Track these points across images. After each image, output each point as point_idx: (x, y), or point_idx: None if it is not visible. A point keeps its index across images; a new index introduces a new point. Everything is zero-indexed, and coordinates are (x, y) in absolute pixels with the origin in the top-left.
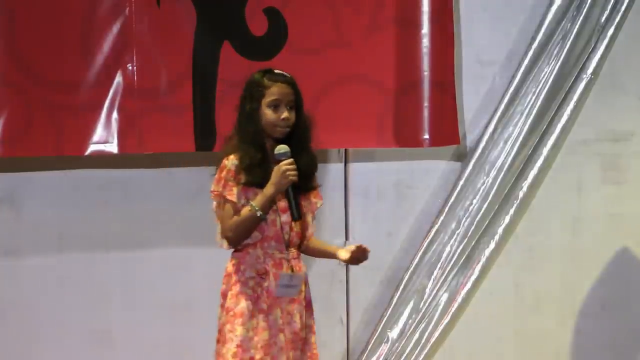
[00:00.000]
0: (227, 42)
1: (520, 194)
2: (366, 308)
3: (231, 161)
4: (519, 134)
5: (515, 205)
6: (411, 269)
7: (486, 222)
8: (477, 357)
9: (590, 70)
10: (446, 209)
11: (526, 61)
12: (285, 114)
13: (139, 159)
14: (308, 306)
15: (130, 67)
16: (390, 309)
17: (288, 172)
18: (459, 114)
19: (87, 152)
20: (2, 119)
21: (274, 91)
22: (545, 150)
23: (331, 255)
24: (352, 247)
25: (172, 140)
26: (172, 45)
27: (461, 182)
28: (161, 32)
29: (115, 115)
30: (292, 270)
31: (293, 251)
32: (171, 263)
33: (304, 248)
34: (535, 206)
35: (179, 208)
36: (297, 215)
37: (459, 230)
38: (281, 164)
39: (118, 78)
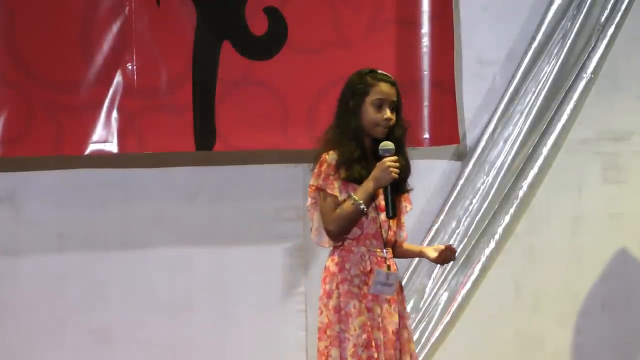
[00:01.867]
0: (227, 42)
1: (520, 194)
2: None
3: (331, 156)
4: (519, 133)
5: (515, 204)
6: (411, 268)
7: (486, 222)
8: (477, 356)
9: (590, 69)
10: (446, 209)
11: (526, 61)
12: (388, 114)
13: (139, 158)
14: (404, 306)
15: (130, 67)
16: None
17: (391, 169)
18: (459, 114)
19: (87, 152)
20: (2, 119)
21: (379, 90)
22: (545, 150)
23: (418, 254)
24: (441, 247)
25: (172, 140)
26: (172, 45)
27: (461, 182)
28: (161, 32)
29: (115, 114)
30: (389, 269)
31: (390, 250)
32: (170, 262)
33: (396, 250)
34: (535, 206)
35: (178, 207)
36: (393, 213)
37: (459, 230)
38: (385, 159)
39: (118, 77)
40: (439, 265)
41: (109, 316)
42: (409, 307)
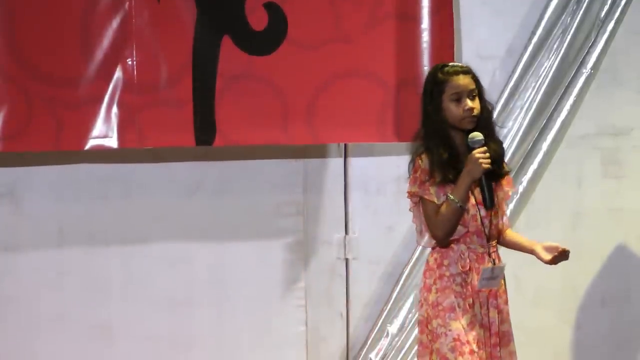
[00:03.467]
0: (227, 37)
1: (520, 189)
2: (366, 303)
3: (424, 161)
4: (519, 128)
5: (515, 200)
6: (411, 263)
7: None
8: None
9: (590, 64)
10: None
11: (526, 56)
12: (468, 104)
13: (139, 153)
14: (504, 299)
15: (130, 62)
16: (390, 303)
17: (481, 160)
18: None
19: (87, 147)
20: (2, 114)
21: (453, 84)
22: (545, 145)
23: (529, 251)
24: (554, 246)
25: (172, 135)
26: (172, 40)
27: None
28: (161, 27)
29: (115, 109)
30: (494, 263)
31: (493, 244)
32: (171, 257)
33: (501, 240)
34: (535, 200)
35: (178, 203)
36: (491, 203)
37: None
38: (474, 152)
39: (118, 73)
40: None
41: (109, 311)
42: (408, 302)
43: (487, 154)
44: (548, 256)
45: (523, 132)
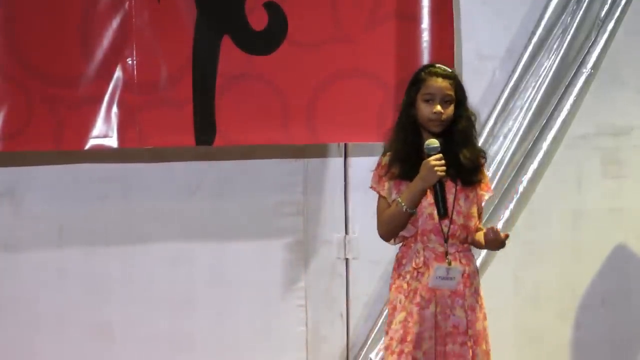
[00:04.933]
0: (227, 36)
1: (520, 189)
2: (366, 302)
3: (386, 157)
4: (519, 128)
5: (515, 199)
6: None
7: (486, 217)
8: None
9: (590, 64)
10: None
11: (526, 55)
12: (437, 108)
13: (139, 153)
14: (480, 300)
15: (130, 61)
16: None
17: (436, 168)
18: None
19: (87, 147)
20: (2, 114)
21: (429, 85)
22: (545, 145)
23: (478, 245)
24: (493, 230)
25: (172, 135)
26: (172, 40)
27: None
28: (161, 26)
29: (115, 109)
30: (450, 263)
31: (458, 244)
32: (171, 257)
33: (471, 241)
34: (535, 200)
35: (179, 202)
36: (443, 212)
37: None
38: (429, 159)
39: (118, 72)
40: None
41: (110, 311)
42: None
43: (443, 162)
44: (483, 242)
45: (523, 132)
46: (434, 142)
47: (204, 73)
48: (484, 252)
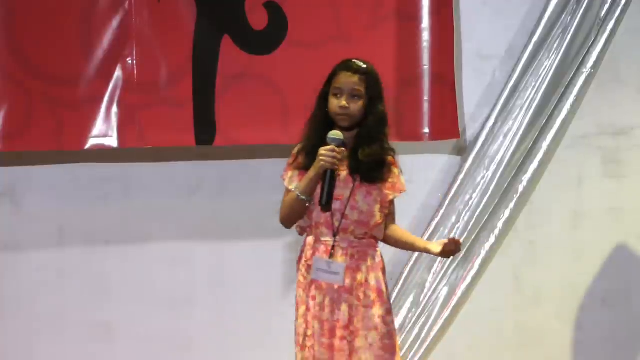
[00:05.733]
0: (227, 36)
1: (520, 188)
2: None
3: (296, 148)
4: (519, 128)
5: (515, 199)
6: (411, 263)
7: (486, 216)
8: (476, 351)
9: (590, 64)
10: (446, 203)
11: (526, 55)
12: (342, 103)
13: (139, 152)
14: (377, 296)
15: (130, 61)
16: (390, 302)
17: (322, 157)
18: (459, 108)
19: (87, 146)
20: (2, 113)
21: (338, 79)
22: (545, 144)
23: (418, 249)
24: (445, 241)
25: (172, 134)
26: (172, 39)
27: (461, 176)
28: (161, 26)
29: (115, 109)
30: (331, 257)
31: (352, 239)
32: (171, 257)
33: (385, 238)
34: (535, 200)
35: (178, 202)
36: (325, 203)
37: (458, 224)
38: (321, 148)
39: (118, 72)
40: (438, 260)
41: (109, 310)
42: (408, 302)
43: (333, 153)
44: (438, 249)
45: (523, 131)
46: (336, 134)
47: (204, 73)
48: (483, 252)
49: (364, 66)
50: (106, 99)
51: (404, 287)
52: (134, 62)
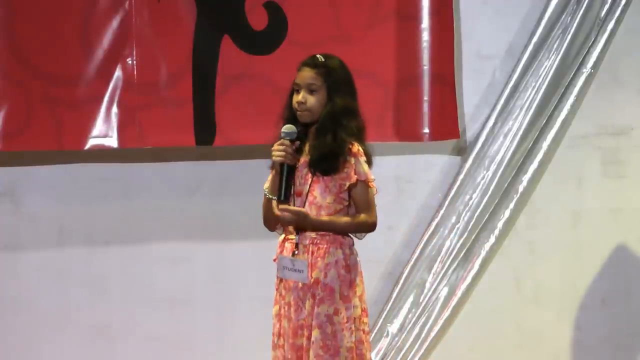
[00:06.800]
0: (227, 36)
1: (520, 188)
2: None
3: None
4: (519, 128)
5: (515, 199)
6: (411, 263)
7: (486, 216)
8: (477, 351)
9: (590, 64)
10: (446, 203)
11: (526, 55)
12: (298, 98)
13: (139, 153)
14: (328, 294)
15: (130, 61)
16: (390, 303)
17: (272, 152)
18: (458, 108)
19: (87, 146)
20: (2, 113)
21: (298, 75)
22: (545, 145)
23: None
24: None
25: (172, 135)
26: (172, 40)
27: (461, 176)
28: (161, 26)
29: (115, 109)
30: (294, 255)
31: (314, 235)
32: (171, 257)
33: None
34: (535, 200)
35: (179, 202)
36: (281, 196)
37: (459, 225)
38: (275, 143)
39: (118, 72)
40: (438, 260)
41: (110, 310)
42: (408, 302)
43: (283, 147)
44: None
45: (523, 131)
46: (288, 128)
47: (204, 73)
48: (483, 252)
49: (322, 60)
50: (106, 99)
51: (404, 287)
52: (134, 62)
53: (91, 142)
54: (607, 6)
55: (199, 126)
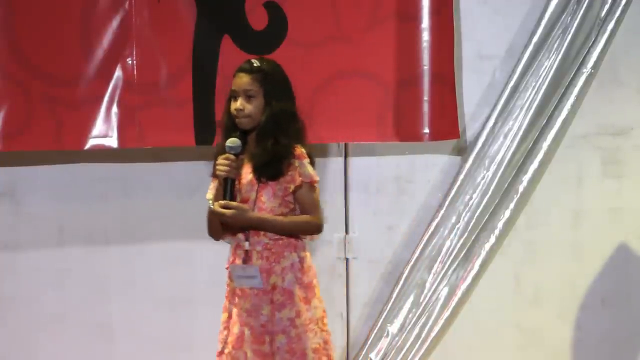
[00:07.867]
0: (227, 36)
1: (520, 188)
2: (366, 302)
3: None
4: (519, 128)
5: (515, 199)
6: (411, 263)
7: (486, 216)
8: (477, 351)
9: (590, 64)
10: (446, 203)
11: (526, 55)
12: (236, 105)
13: (139, 153)
14: (287, 298)
15: (130, 61)
16: (391, 303)
17: (217, 167)
18: (459, 108)
19: (87, 146)
20: (2, 113)
21: (234, 81)
22: (545, 145)
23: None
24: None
25: (172, 135)
26: (172, 39)
27: (461, 177)
28: (161, 26)
29: (115, 109)
30: (244, 262)
31: (266, 241)
32: (171, 257)
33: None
34: (535, 200)
35: (178, 202)
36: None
37: (459, 225)
38: (220, 156)
39: (118, 72)
40: (438, 260)
41: (109, 311)
42: (408, 302)
43: (228, 162)
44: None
45: (523, 131)
46: (232, 142)
47: (204, 73)
48: (483, 252)
49: (258, 64)
50: (106, 99)
51: (404, 288)
52: (134, 62)
53: (91, 142)
54: (607, 6)
55: (199, 126)
